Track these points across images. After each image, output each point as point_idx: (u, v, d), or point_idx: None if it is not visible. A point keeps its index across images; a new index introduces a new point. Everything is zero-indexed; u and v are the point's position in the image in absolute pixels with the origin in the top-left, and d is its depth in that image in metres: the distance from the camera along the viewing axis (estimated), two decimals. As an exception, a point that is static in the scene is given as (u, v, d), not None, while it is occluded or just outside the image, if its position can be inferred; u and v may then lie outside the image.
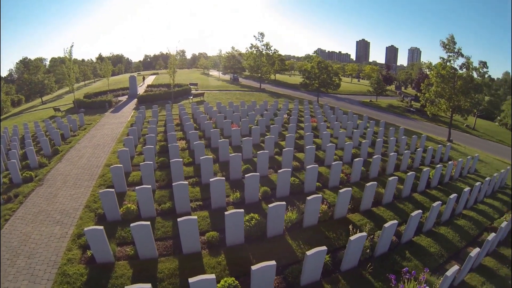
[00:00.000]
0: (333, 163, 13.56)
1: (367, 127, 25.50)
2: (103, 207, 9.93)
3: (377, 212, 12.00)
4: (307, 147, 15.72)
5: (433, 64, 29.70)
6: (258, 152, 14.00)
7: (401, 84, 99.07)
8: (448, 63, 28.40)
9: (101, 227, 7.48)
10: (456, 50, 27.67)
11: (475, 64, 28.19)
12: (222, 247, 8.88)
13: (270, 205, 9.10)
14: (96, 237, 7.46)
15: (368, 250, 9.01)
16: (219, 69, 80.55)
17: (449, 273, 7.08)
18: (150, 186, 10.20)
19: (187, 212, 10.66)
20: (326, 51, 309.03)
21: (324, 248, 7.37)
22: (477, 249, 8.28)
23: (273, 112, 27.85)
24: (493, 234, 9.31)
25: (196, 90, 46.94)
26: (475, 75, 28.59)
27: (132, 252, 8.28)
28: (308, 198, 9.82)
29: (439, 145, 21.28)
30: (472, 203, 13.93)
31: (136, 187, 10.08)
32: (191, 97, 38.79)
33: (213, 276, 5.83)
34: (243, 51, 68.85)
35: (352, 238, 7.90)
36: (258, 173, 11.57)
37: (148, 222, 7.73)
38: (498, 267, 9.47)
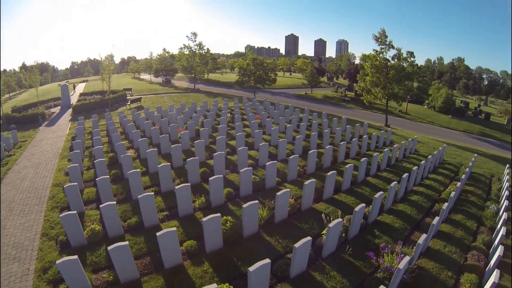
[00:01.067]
0: (291, 157, 14.05)
1: (311, 119, 26.57)
2: (66, 232, 8.98)
3: (339, 198, 12.73)
4: (260, 144, 16.00)
5: (367, 56, 31.93)
6: (214, 154, 14.03)
7: (332, 75, 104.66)
8: (381, 55, 30.96)
9: (75, 257, 6.75)
10: (387, 42, 30.27)
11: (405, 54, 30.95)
12: (203, 254, 8.69)
13: (244, 205, 9.10)
14: (71, 269, 6.70)
15: (343, 234, 9.52)
16: (151, 72, 77.59)
17: (420, 241, 7.95)
18: (114, 202, 9.56)
19: (155, 225, 10.21)
20: (256, 47, 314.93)
21: (310, 238, 7.65)
22: (437, 218, 9.22)
23: (215, 112, 27.61)
24: (446, 204, 10.44)
25: (131, 96, 44.88)
26: (405, 64, 31.34)
27: (111, 277, 7.65)
28: (278, 193, 10.04)
29: (382, 131, 23.00)
30: (419, 180, 15.47)
31: (101, 205, 9.31)
32: (129, 103, 36.97)
33: (214, 285, 5.70)
34: (175, 52, 67.34)
35: (331, 225, 8.34)
36: (221, 175, 11.49)
37: (127, 242, 7.24)
38: (454, 231, 10.74)
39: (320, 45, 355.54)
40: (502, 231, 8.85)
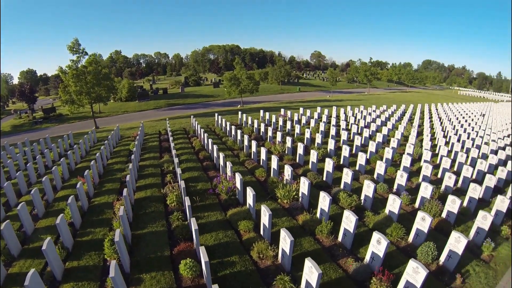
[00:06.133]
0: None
1: (66, 148, 25.12)
2: None
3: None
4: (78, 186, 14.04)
5: (63, 68, 32.04)
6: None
7: (4, 100, 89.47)
8: (78, 64, 32.21)
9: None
10: (81, 50, 31.73)
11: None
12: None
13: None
14: None
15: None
16: None
17: (229, 170, 13.71)
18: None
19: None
20: None
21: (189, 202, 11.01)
22: (221, 155, 15.54)
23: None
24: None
25: None
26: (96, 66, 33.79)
27: None
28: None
29: (109, 136, 24.95)
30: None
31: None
32: None
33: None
34: None
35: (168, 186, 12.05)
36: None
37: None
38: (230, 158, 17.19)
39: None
40: (301, 146, 18.01)
